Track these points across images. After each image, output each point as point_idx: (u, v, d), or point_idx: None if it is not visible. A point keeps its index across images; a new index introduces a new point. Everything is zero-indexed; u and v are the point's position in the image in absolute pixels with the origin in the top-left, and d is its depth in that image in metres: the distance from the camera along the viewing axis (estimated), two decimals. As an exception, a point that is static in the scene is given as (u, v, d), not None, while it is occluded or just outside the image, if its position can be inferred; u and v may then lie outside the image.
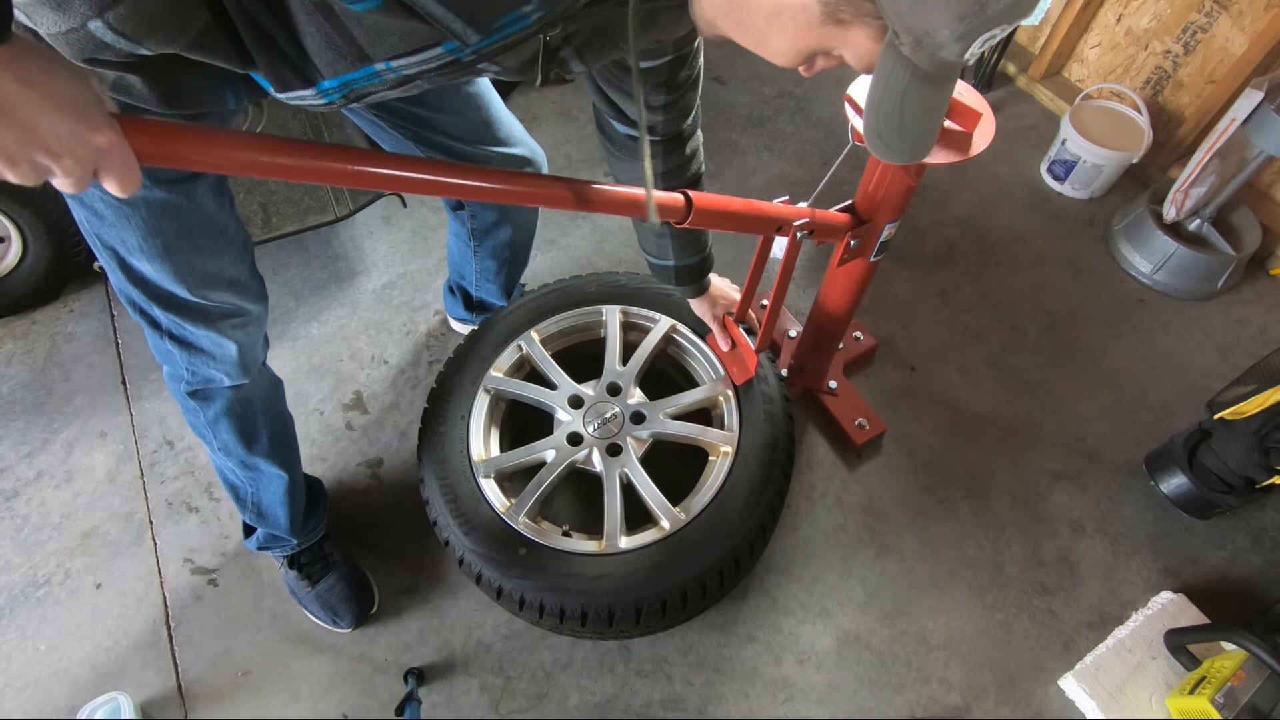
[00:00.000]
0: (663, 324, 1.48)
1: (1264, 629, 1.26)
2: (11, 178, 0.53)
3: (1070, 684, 1.38)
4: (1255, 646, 1.20)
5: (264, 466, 1.23)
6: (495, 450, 1.39)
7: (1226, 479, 1.49)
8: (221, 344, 1.03)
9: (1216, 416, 1.46)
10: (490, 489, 1.29)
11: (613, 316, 1.49)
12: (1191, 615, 1.42)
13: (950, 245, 2.02)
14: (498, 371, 1.42)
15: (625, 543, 1.25)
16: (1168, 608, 1.43)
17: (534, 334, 1.46)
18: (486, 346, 1.44)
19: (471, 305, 1.67)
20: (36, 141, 0.52)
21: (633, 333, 1.51)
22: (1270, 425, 1.38)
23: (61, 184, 0.56)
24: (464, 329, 1.78)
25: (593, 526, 1.33)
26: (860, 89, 1.13)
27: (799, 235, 1.14)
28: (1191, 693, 1.27)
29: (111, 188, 0.58)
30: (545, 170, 1.31)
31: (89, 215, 0.86)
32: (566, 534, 1.30)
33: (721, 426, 1.39)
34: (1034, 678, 1.41)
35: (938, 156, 1.06)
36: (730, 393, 1.40)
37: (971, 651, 1.43)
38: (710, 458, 1.38)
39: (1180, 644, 1.36)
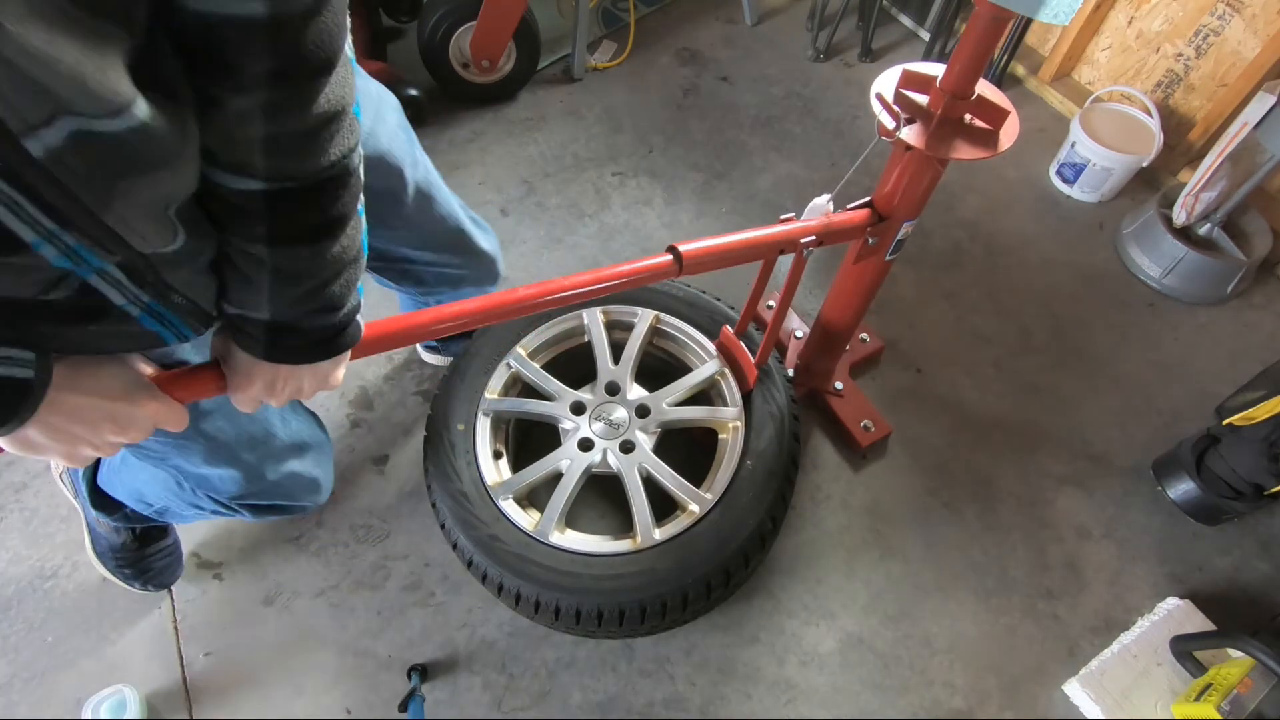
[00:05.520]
0: (645, 317, 1.47)
1: (1271, 636, 1.25)
2: (100, 456, 0.67)
3: (1075, 689, 1.37)
4: (1262, 653, 1.20)
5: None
6: (508, 471, 1.38)
7: (1235, 485, 1.48)
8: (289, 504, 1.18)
9: (1225, 422, 1.46)
10: (513, 510, 1.29)
11: (594, 318, 1.47)
12: (1198, 621, 1.42)
13: (958, 247, 2.02)
14: (491, 394, 1.40)
15: (659, 534, 1.26)
16: (1174, 613, 1.43)
17: (520, 350, 1.44)
18: (474, 373, 1.41)
19: None
20: (105, 430, 0.64)
21: (618, 331, 1.50)
22: None
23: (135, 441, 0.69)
24: (437, 360, 1.75)
25: (614, 526, 1.32)
26: (886, 83, 1.11)
27: (806, 253, 1.12)
28: (1197, 699, 1.26)
29: (169, 429, 0.71)
30: None
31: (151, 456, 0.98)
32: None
33: (725, 403, 1.40)
34: (1038, 682, 1.41)
35: (965, 152, 1.05)
36: (727, 370, 1.42)
37: (975, 655, 1.43)
38: (721, 435, 1.39)
39: (1186, 650, 1.35)
